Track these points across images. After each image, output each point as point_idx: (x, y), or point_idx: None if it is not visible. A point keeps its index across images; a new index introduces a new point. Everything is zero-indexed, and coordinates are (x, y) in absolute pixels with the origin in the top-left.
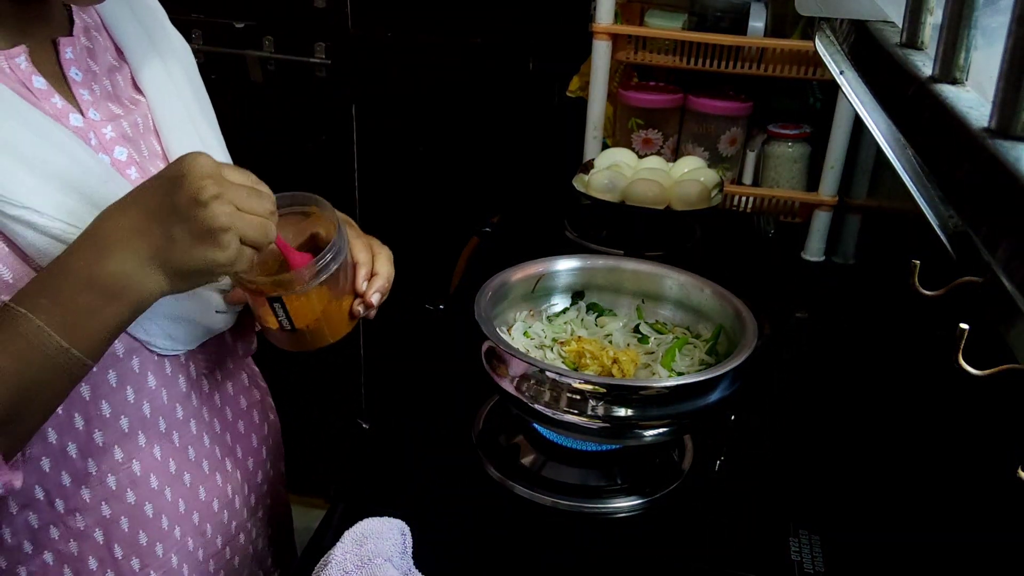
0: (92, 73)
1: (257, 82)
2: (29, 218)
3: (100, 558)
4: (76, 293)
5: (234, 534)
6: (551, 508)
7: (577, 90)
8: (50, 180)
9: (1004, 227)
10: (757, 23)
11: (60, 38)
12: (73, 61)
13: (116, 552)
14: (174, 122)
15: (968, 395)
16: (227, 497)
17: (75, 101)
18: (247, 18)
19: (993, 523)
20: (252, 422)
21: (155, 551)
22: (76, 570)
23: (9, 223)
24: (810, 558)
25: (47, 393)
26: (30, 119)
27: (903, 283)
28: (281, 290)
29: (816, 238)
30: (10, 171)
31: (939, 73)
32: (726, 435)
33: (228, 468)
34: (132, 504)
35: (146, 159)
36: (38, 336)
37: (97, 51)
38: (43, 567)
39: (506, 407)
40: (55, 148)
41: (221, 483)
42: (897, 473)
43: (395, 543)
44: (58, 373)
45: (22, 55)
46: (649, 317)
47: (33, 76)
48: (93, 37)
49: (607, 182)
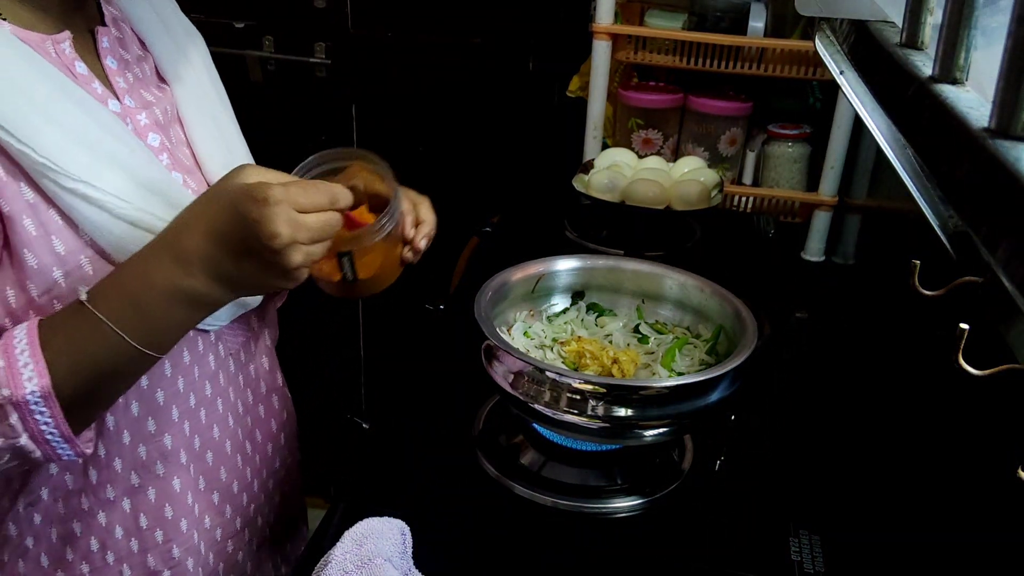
0: (125, 62)
1: (257, 82)
2: (85, 191)
3: (126, 528)
4: (154, 303)
5: (252, 517)
6: (551, 508)
7: (577, 90)
8: (102, 158)
9: (1004, 227)
10: (757, 23)
11: (97, 27)
12: (109, 50)
13: (141, 522)
14: (196, 111)
15: (968, 395)
16: (246, 480)
17: (112, 88)
18: (247, 18)
19: (993, 523)
20: (272, 407)
21: (179, 526)
22: (103, 540)
23: (65, 196)
24: (810, 558)
25: (119, 383)
26: (82, 100)
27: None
28: (353, 245)
29: (816, 238)
30: (66, 147)
31: (939, 73)
32: (726, 435)
33: (248, 451)
34: (160, 476)
35: (175, 146)
36: (115, 340)
37: (126, 41)
38: (71, 534)
39: (506, 407)
40: (104, 129)
41: (241, 465)
42: (897, 473)
43: (395, 543)
44: (131, 368)
45: (67, 41)
46: (649, 317)
47: (76, 62)
48: (121, 27)
49: (607, 182)
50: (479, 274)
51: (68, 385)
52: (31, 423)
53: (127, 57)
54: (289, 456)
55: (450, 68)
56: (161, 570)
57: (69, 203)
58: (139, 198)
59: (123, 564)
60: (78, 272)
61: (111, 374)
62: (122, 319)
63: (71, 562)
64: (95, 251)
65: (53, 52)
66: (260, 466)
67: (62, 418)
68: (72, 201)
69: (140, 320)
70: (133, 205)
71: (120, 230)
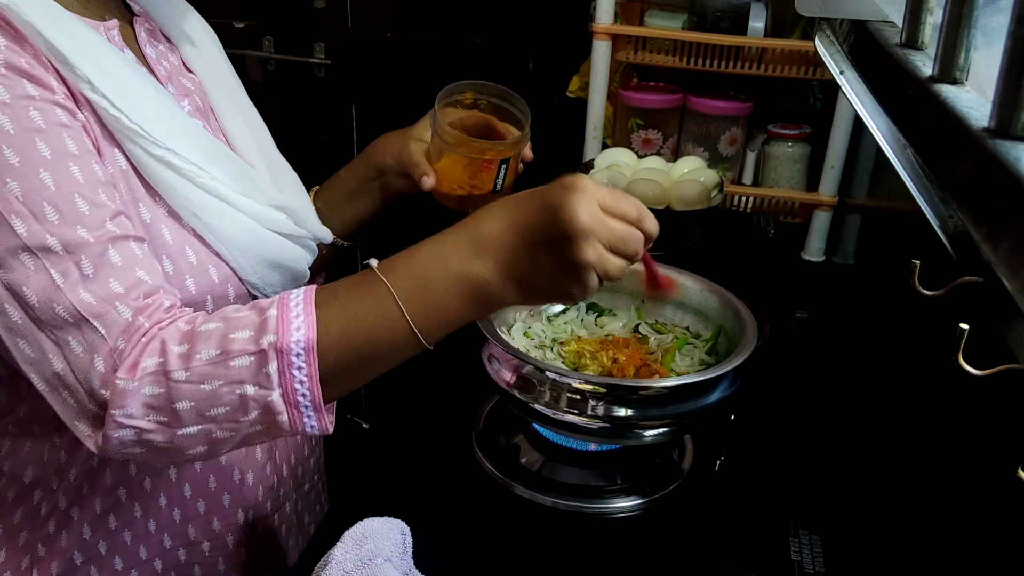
0: (160, 51)
1: (257, 82)
2: (169, 159)
3: (170, 497)
4: (441, 284)
5: (280, 502)
6: (551, 508)
7: (577, 90)
8: (178, 129)
9: (1004, 227)
10: (757, 23)
11: (134, 17)
12: (146, 40)
13: (185, 492)
14: (223, 100)
15: (968, 395)
16: (275, 462)
17: (155, 76)
18: (247, 18)
19: (993, 523)
20: None
21: (222, 499)
22: (146, 506)
23: (151, 162)
24: (810, 558)
25: (379, 364)
26: (149, 77)
27: (903, 283)
28: (520, 147)
29: (816, 238)
30: (150, 116)
31: (939, 73)
32: (726, 435)
33: None
34: None
35: (215, 132)
36: (395, 315)
37: (156, 32)
38: (116, 502)
39: (506, 407)
40: (174, 104)
41: (271, 446)
42: (897, 473)
43: (395, 543)
44: (395, 351)
45: (116, 28)
46: (649, 317)
47: (124, 48)
48: (150, 21)
49: (607, 182)
50: None
51: (333, 350)
52: (288, 376)
53: (161, 47)
54: (316, 446)
55: (450, 68)
56: (201, 541)
57: (154, 169)
58: (211, 167)
59: (164, 533)
60: (159, 241)
61: (376, 353)
62: (405, 293)
63: (114, 530)
64: (174, 219)
65: (105, 38)
66: (288, 451)
67: (317, 379)
68: (156, 167)
69: (422, 298)
70: (209, 174)
71: (196, 197)
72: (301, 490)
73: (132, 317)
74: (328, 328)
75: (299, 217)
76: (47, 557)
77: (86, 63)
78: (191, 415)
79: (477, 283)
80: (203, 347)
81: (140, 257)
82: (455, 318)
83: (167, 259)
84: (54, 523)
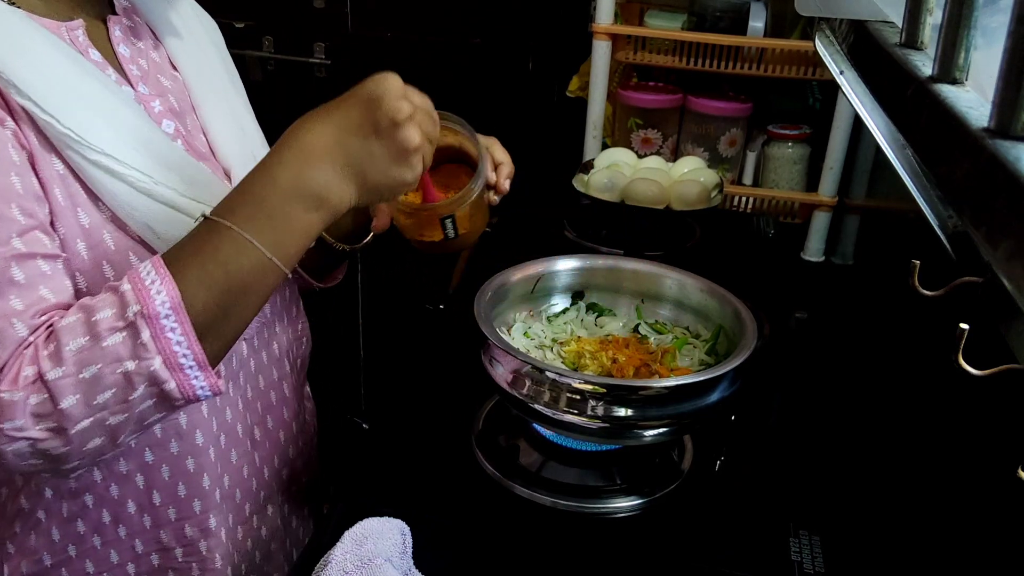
0: (138, 49)
1: (257, 82)
2: (108, 164)
3: (139, 504)
4: (281, 202)
5: (262, 505)
6: (551, 508)
7: (577, 90)
8: (123, 134)
9: (1004, 227)
10: (757, 23)
11: (109, 16)
12: (121, 38)
13: (155, 499)
14: (209, 99)
15: (968, 395)
16: (255, 465)
17: (126, 76)
18: (247, 18)
19: (993, 523)
20: (283, 395)
21: (192, 506)
22: (115, 513)
23: (89, 168)
24: (810, 558)
25: (249, 298)
26: (102, 80)
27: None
28: (454, 208)
29: (816, 238)
30: (89, 120)
31: (939, 73)
32: (726, 435)
33: (257, 436)
34: (175, 454)
35: (190, 133)
36: (242, 246)
37: (138, 29)
38: (83, 507)
39: (506, 407)
40: (126, 107)
41: (250, 449)
42: (897, 473)
43: (395, 543)
44: (258, 278)
45: (80, 28)
46: (649, 317)
47: (90, 49)
48: (133, 17)
49: (607, 182)
50: (479, 274)
51: (198, 299)
52: (163, 341)
53: (140, 45)
54: (305, 447)
55: (450, 68)
56: (174, 547)
57: (92, 175)
58: (159, 173)
59: (135, 539)
60: (100, 247)
61: (241, 289)
62: (249, 224)
63: (83, 535)
64: (116, 226)
65: (67, 38)
66: (270, 454)
67: (194, 336)
68: (95, 173)
69: (266, 224)
70: (153, 179)
71: (141, 203)
72: (287, 493)
73: (28, 334)
74: (187, 281)
75: None
76: (16, 556)
77: (19, 67)
78: (79, 409)
79: (315, 191)
80: (70, 339)
81: (47, 275)
82: (303, 230)
83: (108, 265)
84: (20, 524)
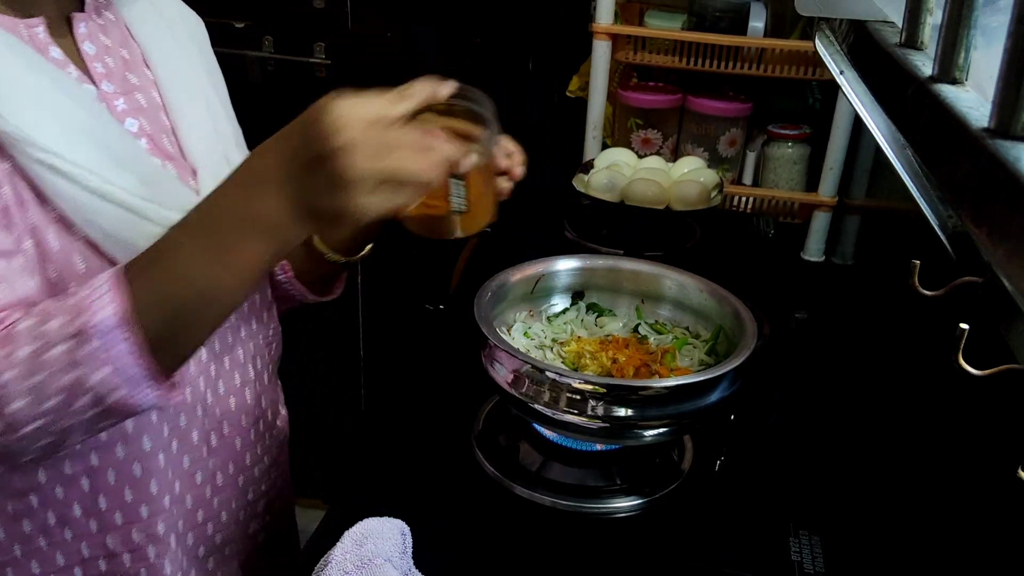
0: (105, 47)
1: (257, 82)
2: (53, 162)
3: (84, 507)
4: (230, 227)
5: (215, 511)
6: (551, 508)
7: (577, 90)
8: (73, 132)
9: (1004, 227)
10: (757, 23)
11: (74, 13)
12: (87, 36)
13: (100, 503)
14: (183, 99)
15: (968, 395)
16: (209, 470)
17: (89, 74)
18: (247, 18)
19: (993, 523)
20: (244, 401)
21: (139, 511)
22: (60, 515)
23: (34, 167)
24: (810, 558)
25: (204, 315)
26: (56, 77)
27: (903, 283)
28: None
29: (815, 238)
30: (35, 119)
31: (939, 73)
32: (726, 435)
33: (213, 442)
34: (120, 459)
35: (156, 132)
36: (191, 270)
37: (108, 27)
38: (28, 507)
39: (506, 407)
40: (78, 104)
41: (205, 455)
42: (897, 473)
43: (395, 543)
44: (207, 304)
45: (40, 25)
46: (649, 317)
47: (50, 46)
48: (103, 14)
49: (607, 182)
50: (479, 274)
51: (150, 313)
52: (109, 353)
53: (107, 43)
54: (267, 457)
55: (450, 68)
56: (121, 552)
57: (37, 173)
58: (112, 173)
59: (81, 542)
60: (45, 245)
61: (195, 305)
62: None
63: (29, 535)
64: (63, 227)
65: (26, 35)
66: (226, 461)
67: (144, 349)
68: (41, 172)
69: (216, 244)
70: (102, 178)
71: (90, 203)
72: (243, 499)
73: None
74: (140, 294)
75: None
76: None
77: None
78: (26, 414)
79: (262, 220)
80: (23, 343)
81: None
82: (252, 259)
83: (51, 266)
84: None
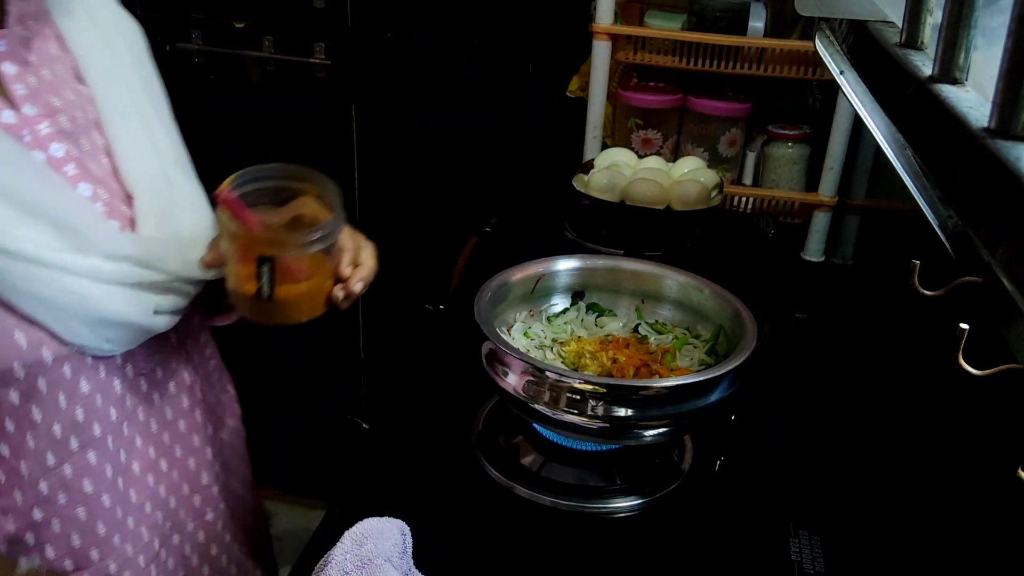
0: (28, 65)
1: (256, 82)
2: None
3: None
4: None
5: (168, 534)
6: (551, 508)
7: (577, 90)
8: None
9: (1004, 227)
10: (757, 23)
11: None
12: (7, 54)
13: (48, 553)
14: (119, 113)
15: (968, 395)
16: (159, 498)
17: (8, 97)
18: (247, 18)
19: (993, 523)
20: (194, 421)
21: (89, 555)
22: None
23: None
24: (810, 558)
25: None
26: None
27: (903, 283)
28: (275, 250)
29: (816, 239)
30: None
31: (939, 73)
32: (726, 435)
33: (163, 468)
34: (63, 505)
35: (87, 154)
36: None
37: (35, 41)
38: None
39: (506, 407)
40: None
41: (153, 484)
42: (897, 473)
43: (395, 543)
44: None
45: None
46: (649, 317)
47: None
48: (30, 26)
49: (607, 182)
50: (479, 274)
51: None
52: None
53: (31, 59)
54: (223, 471)
55: (450, 68)
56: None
57: None
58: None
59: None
60: None
61: None
62: None
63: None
64: None
65: None
66: (179, 483)
67: None
68: None
69: None
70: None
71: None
72: (200, 520)
73: None
74: None
75: (156, 261)
76: None
77: None
78: None
79: None
80: None
81: None
82: None
83: None
84: None
